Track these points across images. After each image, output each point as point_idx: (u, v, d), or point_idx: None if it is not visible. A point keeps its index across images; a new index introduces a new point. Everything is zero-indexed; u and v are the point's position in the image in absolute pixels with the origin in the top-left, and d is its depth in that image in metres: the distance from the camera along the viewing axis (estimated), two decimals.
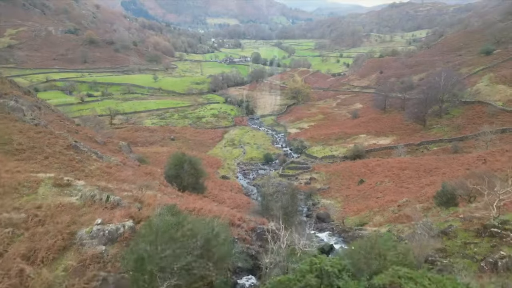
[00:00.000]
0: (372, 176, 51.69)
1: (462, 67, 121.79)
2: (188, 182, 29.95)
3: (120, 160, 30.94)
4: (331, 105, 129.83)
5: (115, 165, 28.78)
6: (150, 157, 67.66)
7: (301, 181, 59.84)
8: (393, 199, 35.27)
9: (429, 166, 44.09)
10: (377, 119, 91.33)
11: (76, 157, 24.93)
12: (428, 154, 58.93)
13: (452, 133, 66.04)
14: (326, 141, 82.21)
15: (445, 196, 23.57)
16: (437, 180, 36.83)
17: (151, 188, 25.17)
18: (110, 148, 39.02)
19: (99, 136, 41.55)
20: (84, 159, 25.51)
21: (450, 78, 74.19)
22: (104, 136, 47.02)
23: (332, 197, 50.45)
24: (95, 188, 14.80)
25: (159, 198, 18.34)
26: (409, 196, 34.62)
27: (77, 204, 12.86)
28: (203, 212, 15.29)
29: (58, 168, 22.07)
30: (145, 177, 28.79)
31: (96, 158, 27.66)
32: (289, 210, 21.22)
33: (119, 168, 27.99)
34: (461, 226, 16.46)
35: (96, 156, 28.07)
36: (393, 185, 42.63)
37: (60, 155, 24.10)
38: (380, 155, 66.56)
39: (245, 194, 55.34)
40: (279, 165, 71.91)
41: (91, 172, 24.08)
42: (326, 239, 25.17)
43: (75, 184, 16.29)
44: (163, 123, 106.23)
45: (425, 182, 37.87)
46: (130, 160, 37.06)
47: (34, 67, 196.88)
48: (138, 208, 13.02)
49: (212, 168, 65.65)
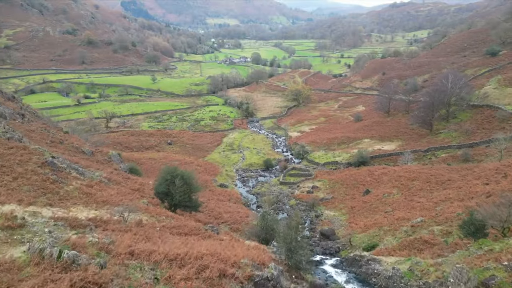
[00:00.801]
0: (379, 185, 48.75)
1: (467, 68, 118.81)
2: (179, 200, 27.13)
3: (105, 176, 27.99)
4: (333, 107, 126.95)
5: (98, 182, 25.92)
6: (144, 164, 64.90)
7: (303, 190, 56.98)
8: (404, 217, 32.32)
9: (441, 177, 41.16)
10: (381, 122, 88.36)
11: (51, 177, 22.11)
12: (437, 161, 55.96)
13: (460, 138, 63.02)
14: (329, 146, 79.28)
15: (473, 225, 20.70)
16: (452, 195, 33.88)
17: (135, 211, 22.31)
18: (98, 159, 36.17)
19: (87, 145, 38.70)
20: (61, 178, 22.70)
21: (458, 81, 71.24)
22: (94, 144, 44.08)
23: (336, 208, 47.53)
24: (47, 238, 11.92)
25: (138, 237, 15.53)
26: (422, 213, 31.70)
27: (20, 261, 10.03)
28: (187, 261, 12.52)
29: (27, 191, 19.28)
30: (131, 195, 25.96)
31: (76, 176, 24.83)
32: (293, 246, 18.36)
33: (102, 187, 25.16)
34: (507, 278, 13.52)
35: (77, 173, 25.23)
36: (403, 198, 39.66)
37: (32, 175, 21.29)
38: (385, 161, 63.60)
39: (245, 204, 52.48)
40: (279, 172, 69.03)
41: (67, 194, 21.27)
42: (334, 274, 22.30)
43: (31, 223, 13.46)
44: (160, 126, 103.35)
45: (438, 197, 34.92)
46: (120, 172, 34.21)
47: (31, 68, 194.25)
48: (101, 265, 10.26)
49: (210, 175, 62.81)
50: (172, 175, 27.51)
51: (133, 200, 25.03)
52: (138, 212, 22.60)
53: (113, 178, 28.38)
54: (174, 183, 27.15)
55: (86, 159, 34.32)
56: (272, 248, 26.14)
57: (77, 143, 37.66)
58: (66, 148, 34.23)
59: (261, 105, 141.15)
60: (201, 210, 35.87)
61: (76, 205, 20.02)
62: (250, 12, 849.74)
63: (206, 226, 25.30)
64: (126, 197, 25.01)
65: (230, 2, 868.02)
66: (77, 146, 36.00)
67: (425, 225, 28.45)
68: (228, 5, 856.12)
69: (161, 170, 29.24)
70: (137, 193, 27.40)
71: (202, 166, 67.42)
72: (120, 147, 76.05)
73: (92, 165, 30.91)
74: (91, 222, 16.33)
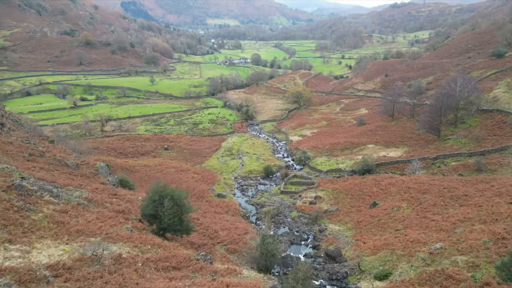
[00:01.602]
0: (386, 197, 45.64)
1: (473, 70, 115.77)
2: (169, 223, 24.10)
3: (85, 197, 24.80)
4: (335, 110, 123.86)
5: (76, 205, 22.90)
6: (138, 172, 61.85)
7: (305, 200, 53.89)
8: (419, 239, 29.17)
9: (455, 191, 38.00)
10: (385, 127, 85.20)
11: (16, 203, 19.12)
12: (446, 170, 52.78)
13: (471, 145, 59.84)
14: (331, 152, 76.18)
15: None
16: (471, 215, 30.72)
17: (115, 242, 19.23)
18: (83, 172, 33.17)
19: (72, 157, 35.61)
20: (28, 204, 19.73)
21: (467, 84, 68.08)
22: (83, 153, 40.86)
23: (341, 222, 44.45)
24: None
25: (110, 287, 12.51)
26: (439, 236, 28.54)
27: None
28: None
29: None
30: (113, 220, 22.94)
31: (49, 199, 21.83)
32: None
33: (79, 211, 22.17)
34: None
35: (50, 196, 22.20)
36: (414, 214, 36.52)
37: None
38: (391, 169, 60.48)
39: (243, 216, 49.44)
40: (280, 179, 66.00)
41: (34, 224, 18.28)
42: None
43: None
44: (157, 130, 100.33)
45: (456, 216, 31.72)
46: (106, 188, 31.13)
47: (27, 69, 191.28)
48: None
49: (207, 184, 59.77)
50: (161, 195, 24.47)
51: (115, 226, 21.98)
52: (119, 243, 19.55)
53: (94, 199, 25.24)
54: (163, 204, 24.13)
55: (69, 173, 31.29)
56: (273, 279, 23.01)
57: (60, 155, 34.55)
58: (46, 162, 31.22)
59: (261, 108, 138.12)
60: (195, 229, 32.80)
61: (43, 238, 17.04)
62: (250, 12, 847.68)
63: (198, 255, 22.27)
64: (107, 222, 22.01)
65: (230, 2, 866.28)
66: (59, 159, 32.90)
67: (445, 253, 25.32)
68: (228, 6, 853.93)
69: (149, 189, 26.18)
70: (121, 216, 24.34)
71: (199, 173, 64.37)
72: (114, 153, 73.05)
73: (74, 182, 27.81)
74: (50, 270, 13.36)
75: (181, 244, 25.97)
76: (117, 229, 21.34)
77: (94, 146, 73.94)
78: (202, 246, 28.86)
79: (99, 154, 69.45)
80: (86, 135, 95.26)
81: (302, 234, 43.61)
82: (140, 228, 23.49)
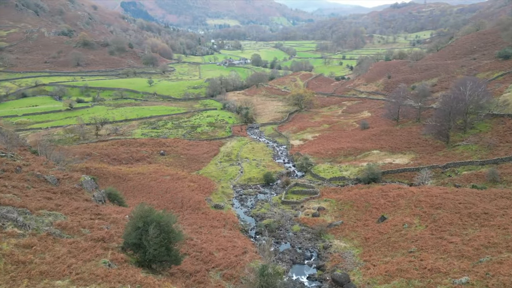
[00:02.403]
0: (395, 211, 42.47)
1: (479, 72, 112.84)
2: (154, 254, 20.99)
3: (58, 224, 21.34)
4: (337, 113, 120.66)
5: (45, 235, 19.74)
6: (131, 180, 58.77)
7: (308, 212, 50.69)
8: (439, 267, 25.89)
9: (473, 208, 34.78)
10: (390, 131, 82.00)
11: None
12: (458, 179, 49.58)
13: (482, 153, 56.65)
14: (334, 158, 73.01)
15: None
16: (496, 239, 27.51)
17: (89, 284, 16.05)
18: (64, 189, 30.00)
19: (53, 171, 32.29)
20: None
21: (476, 88, 64.89)
22: (64, 169, 37.45)
23: (347, 238, 41.29)
24: None
25: None
26: (462, 264, 25.34)
27: None
28: None
29: None
30: (89, 252, 19.80)
31: (13, 231, 18.69)
32: None
33: (48, 243, 19.07)
34: None
35: (14, 226, 19.07)
36: (428, 233, 33.38)
37: None
38: (399, 178, 57.31)
39: (242, 229, 46.26)
40: (281, 187, 62.82)
41: None
42: None
43: None
44: (154, 134, 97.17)
45: (478, 240, 28.50)
46: (88, 207, 27.88)
47: (24, 70, 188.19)
48: None
49: (204, 193, 56.61)
50: (145, 221, 21.35)
51: (90, 261, 18.86)
52: (92, 286, 16.37)
53: (69, 225, 21.88)
54: (148, 232, 21.01)
55: (48, 190, 28.09)
56: None
57: (40, 169, 31.32)
58: (22, 178, 28.15)
59: (261, 110, 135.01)
60: (188, 252, 29.61)
61: None
62: (250, 12, 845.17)
63: None
64: (80, 257, 18.90)
65: (231, 2, 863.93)
66: (38, 174, 29.76)
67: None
68: (228, 6, 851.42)
69: (132, 213, 22.99)
70: (100, 245, 21.17)
71: (196, 181, 61.21)
72: (107, 160, 69.92)
73: (49, 203, 24.58)
74: None
75: (169, 275, 22.84)
76: (91, 265, 18.24)
77: (87, 152, 70.86)
78: (194, 274, 25.72)
79: (91, 161, 66.40)
80: (80, 139, 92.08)
81: (305, 251, 40.46)
82: (121, 260, 20.36)
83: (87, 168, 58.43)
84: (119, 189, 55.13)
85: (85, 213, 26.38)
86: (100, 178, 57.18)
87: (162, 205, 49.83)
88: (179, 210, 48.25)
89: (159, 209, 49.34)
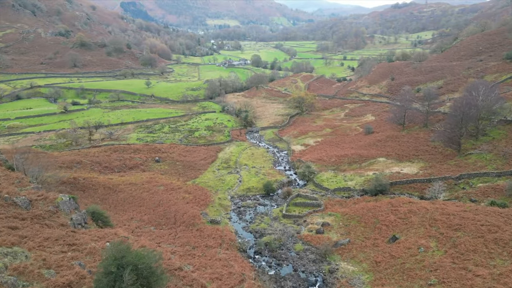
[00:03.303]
0: (408, 230, 38.75)
1: (486, 74, 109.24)
2: None
3: (15, 268, 17.44)
4: (339, 116, 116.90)
5: None
6: (122, 192, 55.01)
7: (311, 228, 46.97)
8: None
9: (499, 232, 31.04)
10: (396, 137, 78.24)
11: None
12: (474, 193, 45.85)
13: (498, 163, 52.95)
14: (338, 166, 69.29)
15: None
16: None
17: None
18: (37, 213, 26.22)
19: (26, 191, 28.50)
20: None
21: (489, 93, 61.16)
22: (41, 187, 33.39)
23: (355, 260, 37.58)
24: None
25: None
26: None
27: None
28: None
29: None
30: None
31: None
32: None
33: None
34: None
35: None
36: (449, 261, 29.65)
37: None
38: (408, 190, 53.59)
39: (239, 248, 42.52)
40: (282, 198, 59.13)
41: None
42: None
43: None
44: (150, 139, 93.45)
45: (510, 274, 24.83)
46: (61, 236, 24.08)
47: (19, 71, 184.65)
48: None
49: (200, 206, 52.86)
50: (120, 264, 17.67)
51: None
52: None
53: (28, 269, 18.01)
54: (123, 278, 17.34)
55: (15, 216, 24.37)
56: None
57: (10, 189, 27.58)
58: None
59: (261, 113, 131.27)
60: (177, 287, 25.85)
61: None
62: (250, 13, 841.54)
63: None
64: None
65: (231, 3, 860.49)
66: (6, 196, 25.99)
67: None
68: (228, 6, 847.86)
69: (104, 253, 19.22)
70: None
71: (191, 192, 57.48)
72: (98, 168, 66.19)
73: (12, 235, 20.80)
74: None
75: None
76: None
77: (77, 160, 67.11)
78: None
79: (80, 170, 62.71)
80: (72, 144, 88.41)
81: (309, 276, 36.76)
82: None
83: (74, 179, 54.74)
84: (108, 202, 51.49)
85: (55, 245, 22.71)
86: (88, 189, 53.50)
87: (154, 221, 46.15)
88: (171, 227, 44.56)
89: (150, 225, 45.74)
